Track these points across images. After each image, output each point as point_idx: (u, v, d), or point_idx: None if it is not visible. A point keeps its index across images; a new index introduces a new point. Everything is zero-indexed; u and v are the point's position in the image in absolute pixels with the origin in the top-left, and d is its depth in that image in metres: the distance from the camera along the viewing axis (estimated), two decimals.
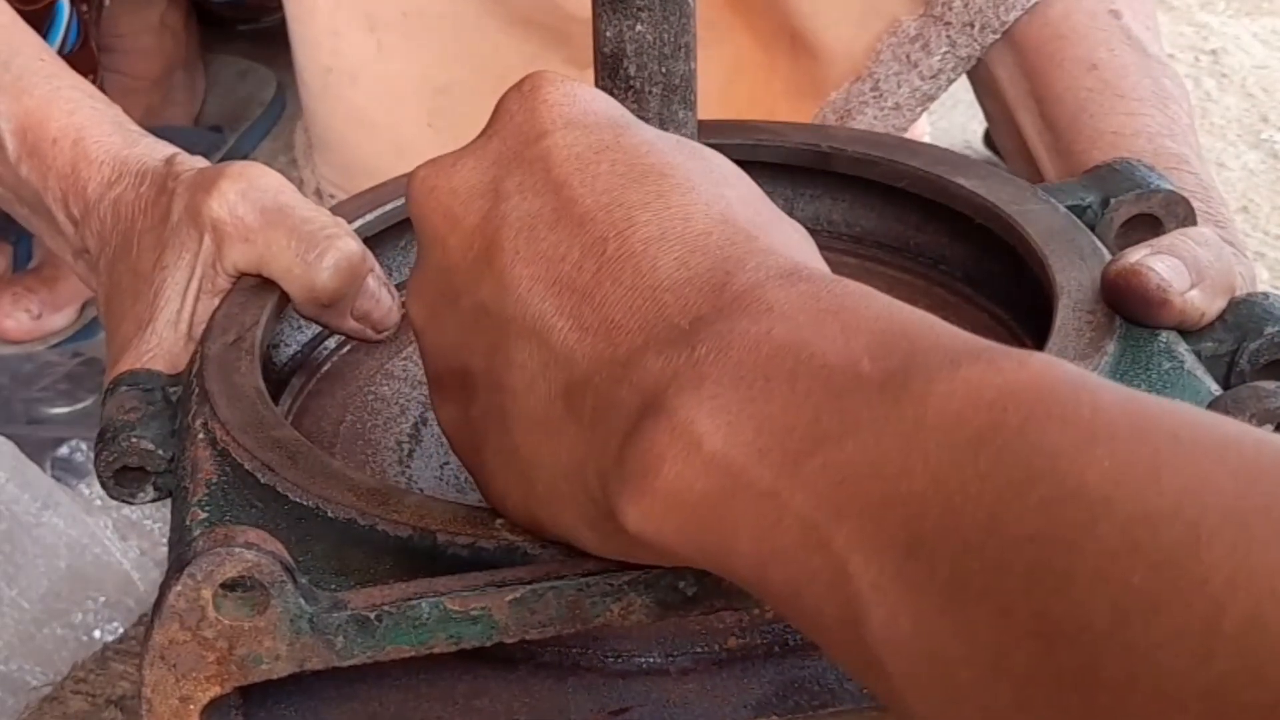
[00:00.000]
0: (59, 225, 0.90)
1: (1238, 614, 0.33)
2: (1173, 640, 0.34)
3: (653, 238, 0.52)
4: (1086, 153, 1.02)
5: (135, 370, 0.77)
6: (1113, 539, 0.36)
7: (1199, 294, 0.69)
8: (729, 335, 0.47)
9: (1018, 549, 0.38)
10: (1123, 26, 1.08)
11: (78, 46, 1.58)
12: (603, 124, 0.56)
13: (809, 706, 0.59)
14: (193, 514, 0.63)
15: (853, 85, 1.20)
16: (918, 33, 1.17)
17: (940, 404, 0.42)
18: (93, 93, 0.93)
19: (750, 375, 0.46)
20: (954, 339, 0.45)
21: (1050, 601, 0.37)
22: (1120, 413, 0.39)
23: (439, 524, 0.59)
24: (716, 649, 0.61)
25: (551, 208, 0.54)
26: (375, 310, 0.82)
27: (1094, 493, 0.37)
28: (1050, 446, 0.39)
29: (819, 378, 0.45)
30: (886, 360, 0.44)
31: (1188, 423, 0.39)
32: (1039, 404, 0.40)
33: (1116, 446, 0.38)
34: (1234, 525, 0.35)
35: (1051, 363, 0.42)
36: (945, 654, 0.39)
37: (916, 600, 0.40)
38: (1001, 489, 0.39)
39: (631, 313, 0.51)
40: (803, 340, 0.46)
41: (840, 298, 0.48)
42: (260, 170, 0.81)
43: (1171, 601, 0.34)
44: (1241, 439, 0.38)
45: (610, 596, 0.55)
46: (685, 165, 0.54)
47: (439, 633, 0.55)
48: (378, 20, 1.26)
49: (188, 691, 0.54)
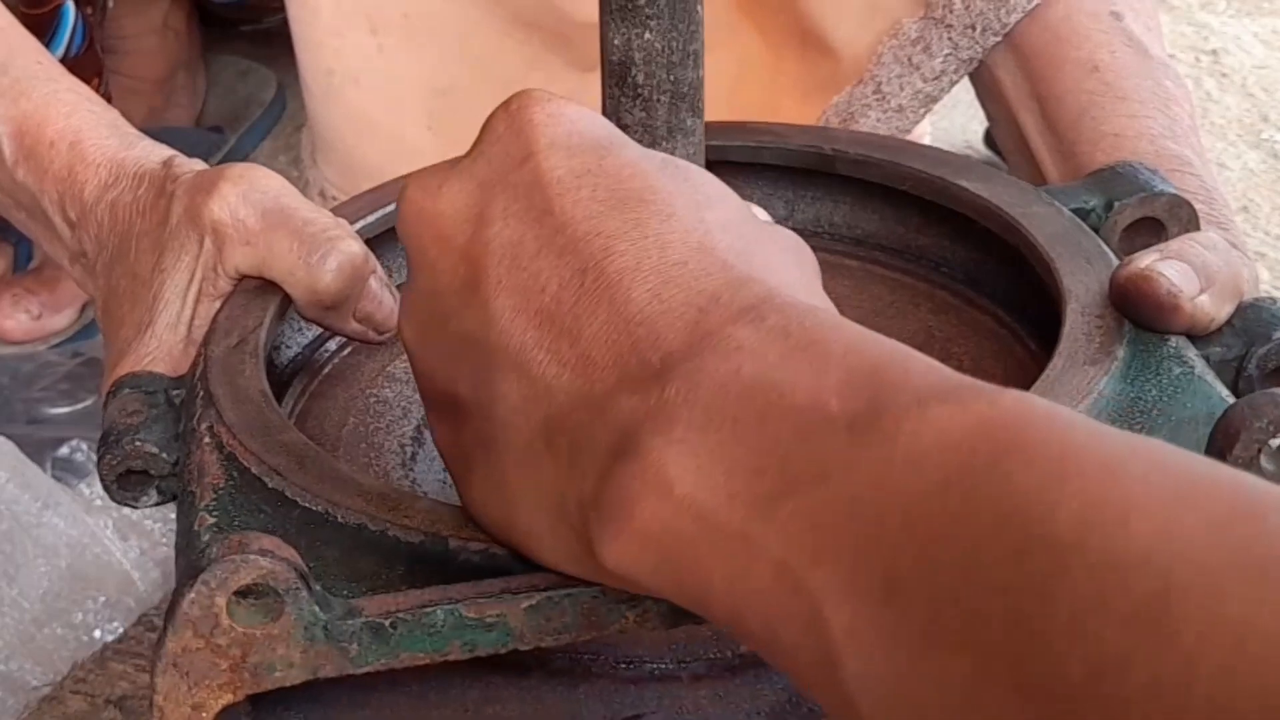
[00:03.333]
0: (56, 229, 0.90)
1: (1209, 669, 0.33)
2: (1146, 696, 0.34)
3: (628, 268, 0.51)
4: (1088, 155, 1.02)
5: (137, 373, 0.77)
6: (1084, 589, 0.36)
7: (1208, 299, 0.69)
8: (698, 375, 0.47)
9: (992, 599, 0.37)
10: (1124, 28, 1.08)
11: (83, 50, 1.58)
12: (588, 146, 0.55)
13: (820, 713, 0.58)
14: (201, 519, 0.63)
15: (855, 88, 1.20)
16: (919, 35, 1.17)
17: (909, 445, 0.42)
18: (90, 96, 0.93)
19: (719, 418, 0.46)
20: (924, 376, 0.45)
21: (1026, 654, 0.36)
22: (1090, 452, 0.39)
23: (451, 529, 0.59)
24: (729, 655, 0.61)
25: (534, 235, 0.53)
26: (377, 312, 0.82)
27: (1064, 538, 0.37)
28: (1019, 488, 0.39)
29: (787, 419, 0.45)
30: (854, 400, 0.44)
31: (1158, 464, 0.39)
32: (1008, 443, 0.40)
33: (1086, 486, 0.38)
34: (1205, 577, 0.35)
35: (1022, 400, 0.42)
36: (921, 702, 0.39)
37: (892, 647, 0.40)
38: (974, 533, 0.39)
39: (606, 348, 0.51)
40: (771, 380, 0.46)
41: (811, 331, 0.47)
42: (261, 172, 0.81)
43: (1144, 657, 0.34)
44: (1214, 482, 0.38)
45: (625, 603, 0.55)
46: (666, 189, 0.54)
47: (454, 640, 0.55)
48: (379, 23, 1.26)
49: (200, 699, 0.54)
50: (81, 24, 1.58)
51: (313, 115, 1.35)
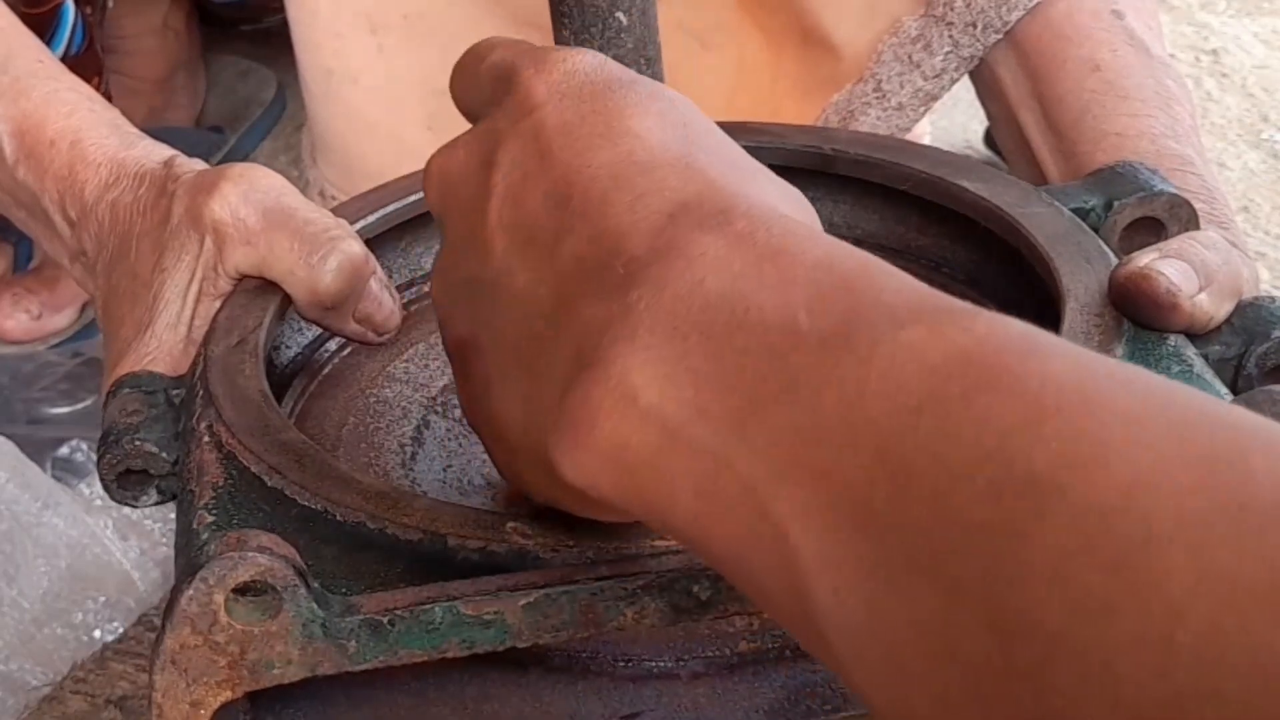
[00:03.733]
0: (56, 228, 0.90)
1: (1196, 624, 0.32)
2: (1129, 647, 0.33)
3: (610, 187, 0.51)
4: (1090, 154, 1.02)
5: (136, 373, 0.77)
6: (1066, 533, 0.35)
7: (1207, 298, 0.69)
8: (661, 281, 0.46)
9: (968, 536, 0.37)
10: (1125, 27, 1.08)
11: (83, 49, 1.58)
12: (597, 91, 0.55)
13: (820, 711, 0.58)
14: (200, 518, 0.63)
15: (855, 86, 1.20)
16: (919, 33, 1.17)
17: (882, 369, 0.40)
18: (91, 95, 0.93)
19: (684, 327, 0.45)
20: (897, 295, 0.43)
21: (1004, 596, 0.35)
22: (1069, 385, 0.38)
23: (450, 528, 0.59)
24: (728, 653, 0.61)
25: (533, 175, 0.53)
26: (377, 313, 0.82)
27: (1044, 478, 0.36)
28: (997, 423, 0.37)
29: (756, 333, 0.44)
30: (825, 317, 0.43)
31: (1140, 398, 0.37)
32: (984, 373, 0.39)
33: (1065, 425, 0.37)
34: (1189, 524, 0.34)
35: (997, 325, 0.41)
36: (893, 636, 0.38)
37: (864, 577, 0.39)
38: (950, 468, 0.38)
39: (578, 261, 0.50)
40: (738, 291, 0.45)
41: (778, 239, 0.46)
42: (262, 172, 0.81)
43: (1127, 606, 0.33)
44: (1199, 418, 0.36)
45: (624, 600, 0.55)
46: (660, 127, 0.53)
47: (452, 637, 0.55)
48: (379, 22, 1.26)
49: (199, 696, 0.54)
50: (81, 23, 1.58)
51: (312, 115, 1.35)
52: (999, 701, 0.36)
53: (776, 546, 0.41)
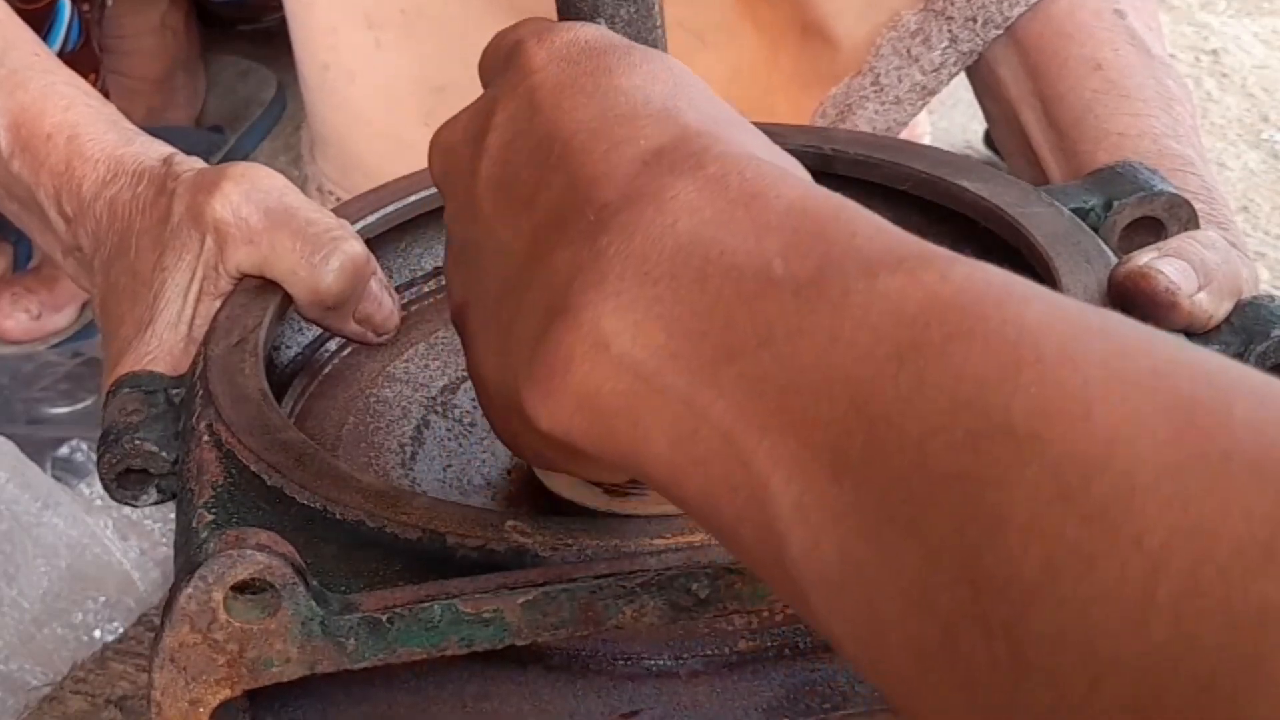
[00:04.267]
0: (50, 222, 0.89)
1: (1173, 577, 0.32)
2: (1106, 600, 0.32)
3: (588, 141, 0.51)
4: (1091, 154, 1.02)
5: (136, 372, 0.77)
6: (1044, 483, 0.34)
7: (1207, 296, 0.69)
8: (632, 226, 0.46)
9: (946, 486, 0.36)
10: (1127, 26, 1.08)
11: (79, 46, 1.58)
12: (592, 54, 0.55)
13: (820, 709, 0.58)
14: (200, 516, 0.63)
15: (853, 80, 1.20)
16: (918, 27, 1.17)
17: (858, 317, 0.40)
18: (88, 90, 0.93)
19: (655, 271, 0.44)
20: (872, 240, 0.42)
21: (981, 547, 0.35)
22: (1048, 333, 0.37)
23: (449, 526, 0.59)
24: (727, 652, 0.60)
25: (523, 134, 0.54)
26: (377, 313, 0.82)
27: (1022, 428, 0.35)
28: (974, 372, 0.37)
29: (729, 279, 0.43)
30: (800, 263, 0.42)
31: (1118, 347, 0.37)
32: (961, 321, 0.38)
33: (1044, 373, 0.36)
34: (1169, 475, 0.33)
35: (974, 271, 0.40)
36: (869, 587, 0.38)
37: (840, 528, 0.38)
38: (926, 417, 0.37)
39: (553, 212, 0.50)
40: (710, 236, 0.44)
41: (751, 183, 0.46)
42: (263, 171, 0.81)
43: (1105, 559, 0.33)
44: (1178, 365, 0.36)
45: (623, 598, 0.55)
46: (649, 85, 0.53)
47: (451, 635, 0.55)
48: (376, 18, 1.25)
49: (198, 694, 0.54)
50: (78, 19, 1.58)
51: (310, 110, 1.35)
52: (974, 653, 0.35)
53: (752, 495, 0.41)
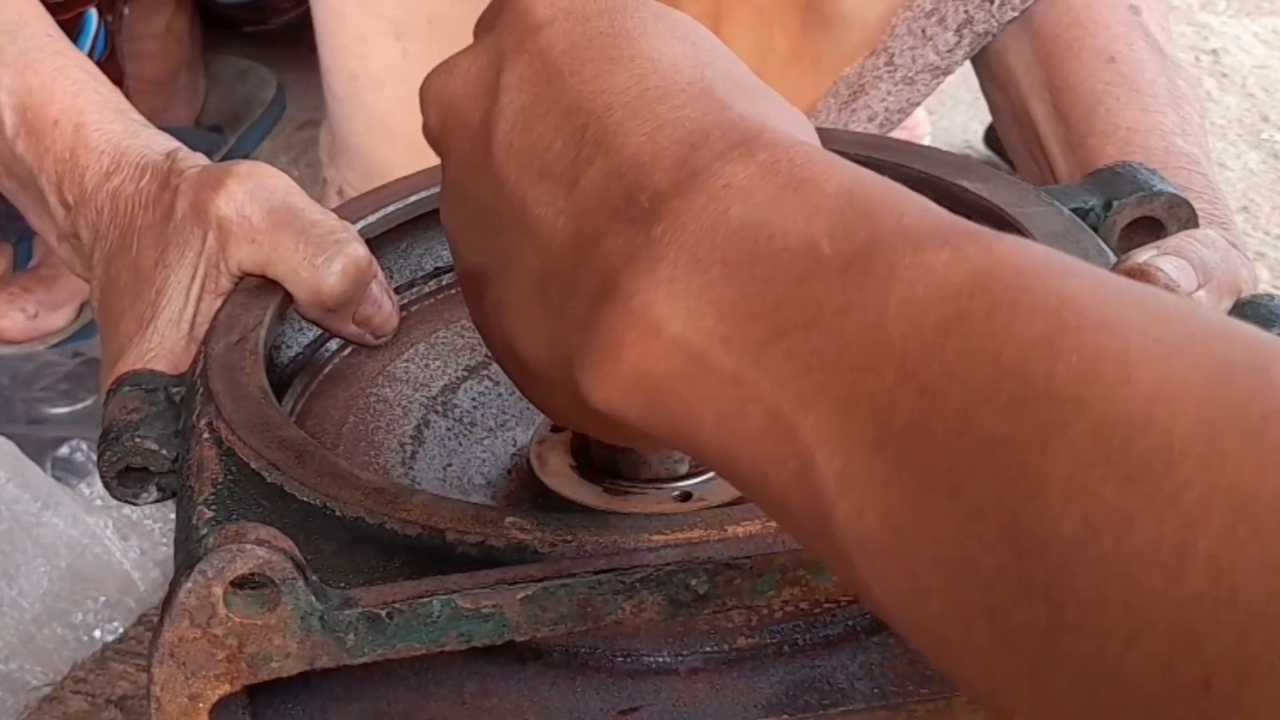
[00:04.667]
0: (49, 207, 0.89)
1: (1211, 532, 0.32)
2: (1144, 556, 0.33)
3: (627, 116, 0.51)
4: (1099, 147, 1.02)
5: (137, 370, 0.77)
6: (1085, 445, 0.35)
7: (1206, 295, 0.69)
8: (685, 214, 0.46)
9: (989, 451, 0.37)
10: (1142, 23, 1.08)
11: (105, 57, 1.58)
12: (601, 10, 0.55)
13: (819, 706, 0.58)
14: (200, 513, 0.63)
15: (866, 59, 1.20)
16: (933, 7, 1.17)
17: (904, 292, 0.41)
18: (97, 75, 0.93)
19: (707, 258, 0.45)
20: (919, 219, 0.43)
21: (1021, 508, 0.36)
22: (1089, 302, 0.38)
23: (448, 523, 0.59)
24: (726, 648, 0.61)
25: (544, 99, 0.53)
26: (376, 316, 0.82)
27: (1064, 392, 0.36)
28: (1017, 340, 0.38)
29: (779, 262, 0.44)
30: (848, 242, 0.43)
31: (1157, 315, 0.38)
32: (1005, 292, 0.39)
33: (1085, 340, 0.37)
34: (1206, 435, 0.34)
35: (1018, 246, 0.41)
36: (912, 553, 0.39)
37: (884, 497, 0.39)
38: (970, 385, 0.38)
39: (599, 194, 0.50)
40: (760, 220, 0.45)
41: (802, 168, 0.46)
42: (268, 171, 0.81)
43: (1144, 516, 0.34)
44: (1214, 333, 0.37)
45: (622, 594, 0.55)
46: (672, 49, 0.53)
47: (450, 631, 0.55)
48: (404, 27, 1.26)
49: (197, 689, 0.54)
50: (104, 31, 1.58)
51: (334, 117, 1.35)
52: (1016, 613, 0.36)
53: (800, 469, 0.41)
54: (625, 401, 0.47)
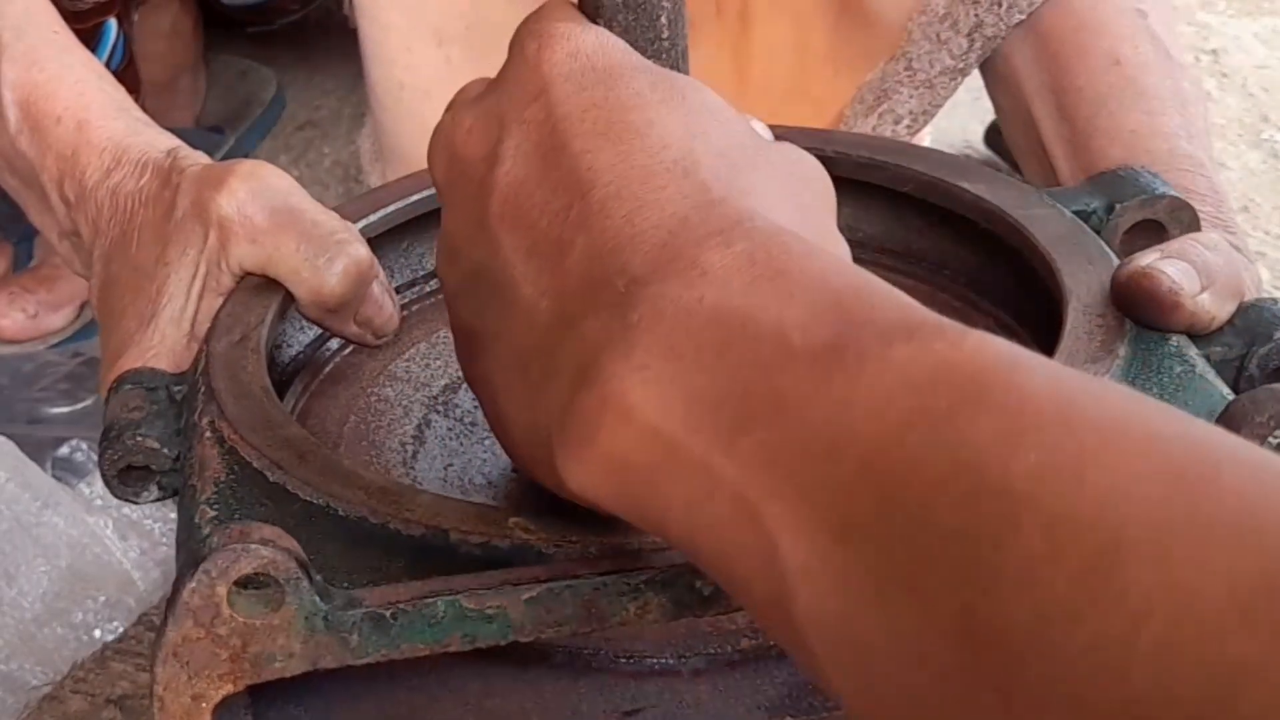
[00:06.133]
0: (50, 204, 0.89)
1: (1154, 632, 0.33)
2: (1091, 652, 0.34)
3: (609, 196, 0.51)
4: (1104, 149, 1.02)
5: (139, 368, 0.77)
6: (1036, 540, 0.36)
7: (1209, 297, 0.69)
8: (661, 301, 0.47)
9: (944, 544, 0.37)
10: (1147, 26, 1.08)
11: (123, 66, 1.59)
12: (599, 79, 0.55)
13: (822, 708, 0.58)
14: (202, 512, 0.63)
15: (887, 64, 1.20)
16: (946, 11, 1.17)
17: (870, 383, 0.41)
18: (101, 73, 0.93)
19: (681, 346, 0.46)
20: (889, 312, 0.44)
21: (975, 600, 0.36)
22: (1048, 401, 0.39)
23: (452, 523, 0.59)
24: (729, 650, 0.60)
25: (537, 171, 0.54)
26: (377, 316, 0.82)
27: (1018, 488, 0.37)
28: (977, 437, 0.38)
29: (749, 351, 0.44)
30: (818, 334, 0.44)
31: (1116, 415, 0.38)
32: (969, 388, 0.40)
33: (1043, 439, 0.37)
34: (1155, 536, 0.34)
35: (985, 342, 0.41)
36: (869, 643, 0.39)
37: (843, 587, 0.40)
38: (929, 479, 0.38)
39: (579, 275, 0.51)
40: (734, 309, 0.45)
41: (778, 259, 0.47)
42: (271, 171, 0.81)
43: (1091, 612, 0.34)
44: (1172, 435, 0.37)
45: (627, 596, 0.55)
46: (664, 121, 0.54)
47: (454, 631, 0.54)
48: (446, 34, 1.27)
49: (200, 689, 0.53)
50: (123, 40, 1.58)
51: (381, 126, 1.37)
52: (967, 704, 0.37)
53: (763, 557, 0.42)
54: (598, 485, 0.47)
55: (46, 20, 0.94)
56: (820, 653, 0.41)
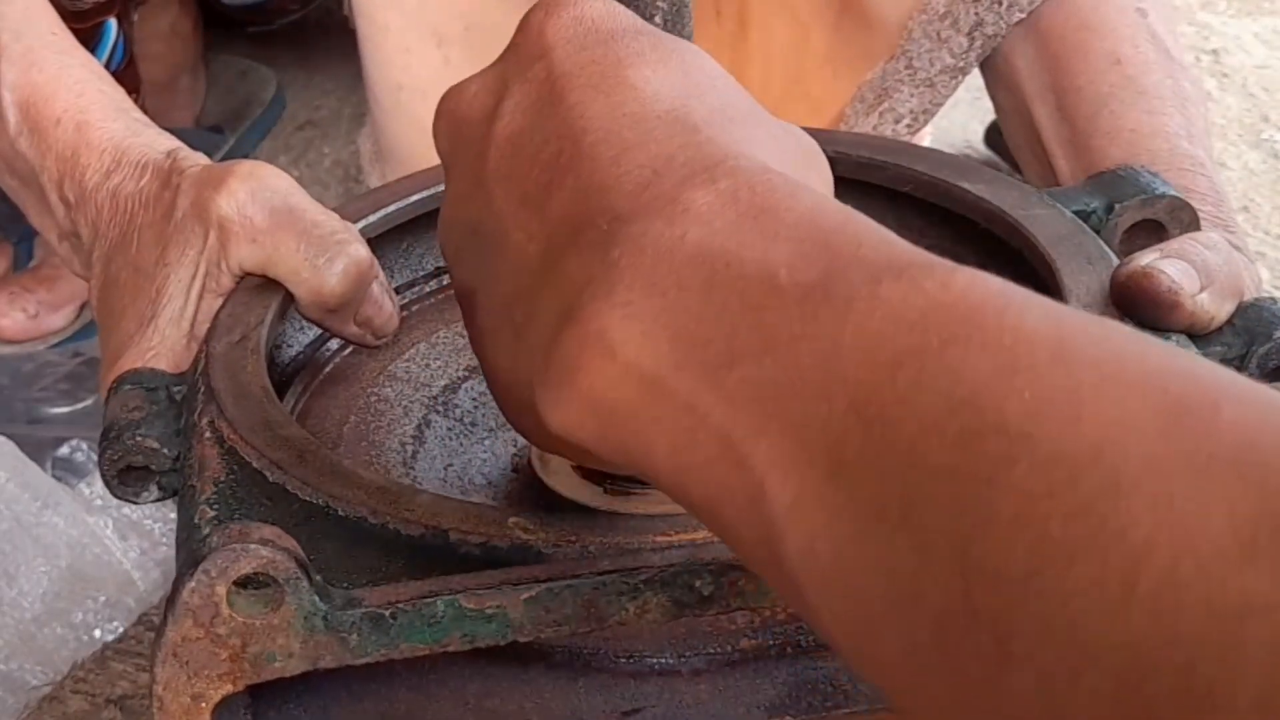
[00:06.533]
0: (50, 205, 0.89)
1: (1154, 571, 0.32)
2: (1088, 592, 0.33)
3: (598, 141, 0.51)
4: (1104, 149, 1.02)
5: (138, 369, 0.77)
6: (1032, 480, 0.35)
7: (1209, 297, 0.69)
8: (642, 239, 0.46)
9: (938, 482, 0.37)
10: (1149, 25, 1.08)
11: (123, 66, 1.59)
12: (602, 39, 0.55)
13: (822, 707, 0.58)
14: (201, 512, 0.63)
15: (887, 64, 1.20)
16: (946, 10, 1.17)
17: (859, 323, 0.40)
18: (101, 74, 0.93)
19: (664, 283, 0.45)
20: (877, 250, 0.43)
21: (969, 541, 0.36)
22: (1043, 339, 0.38)
23: (451, 523, 0.59)
24: (729, 650, 0.60)
25: (532, 126, 0.54)
26: (377, 316, 0.82)
27: (1013, 427, 0.36)
28: (970, 375, 0.38)
29: (735, 289, 0.44)
30: (805, 272, 0.43)
31: (1113, 351, 0.37)
32: (960, 326, 0.39)
33: (1037, 376, 0.37)
34: (1154, 474, 0.34)
35: (976, 280, 0.40)
36: (861, 583, 0.39)
37: (834, 526, 0.39)
38: (922, 417, 0.38)
39: (565, 219, 0.50)
40: (718, 247, 0.45)
41: (763, 196, 0.46)
42: (270, 171, 0.81)
43: (1088, 552, 0.33)
44: (1169, 370, 0.37)
45: (626, 595, 0.55)
46: (659, 77, 0.53)
47: (454, 631, 0.54)
48: (444, 35, 1.27)
49: (200, 689, 0.54)
50: (123, 40, 1.59)
51: (380, 126, 1.37)
52: (962, 646, 0.36)
53: (751, 497, 0.41)
54: (580, 425, 0.47)
55: (46, 22, 0.94)
56: (811, 595, 0.40)
